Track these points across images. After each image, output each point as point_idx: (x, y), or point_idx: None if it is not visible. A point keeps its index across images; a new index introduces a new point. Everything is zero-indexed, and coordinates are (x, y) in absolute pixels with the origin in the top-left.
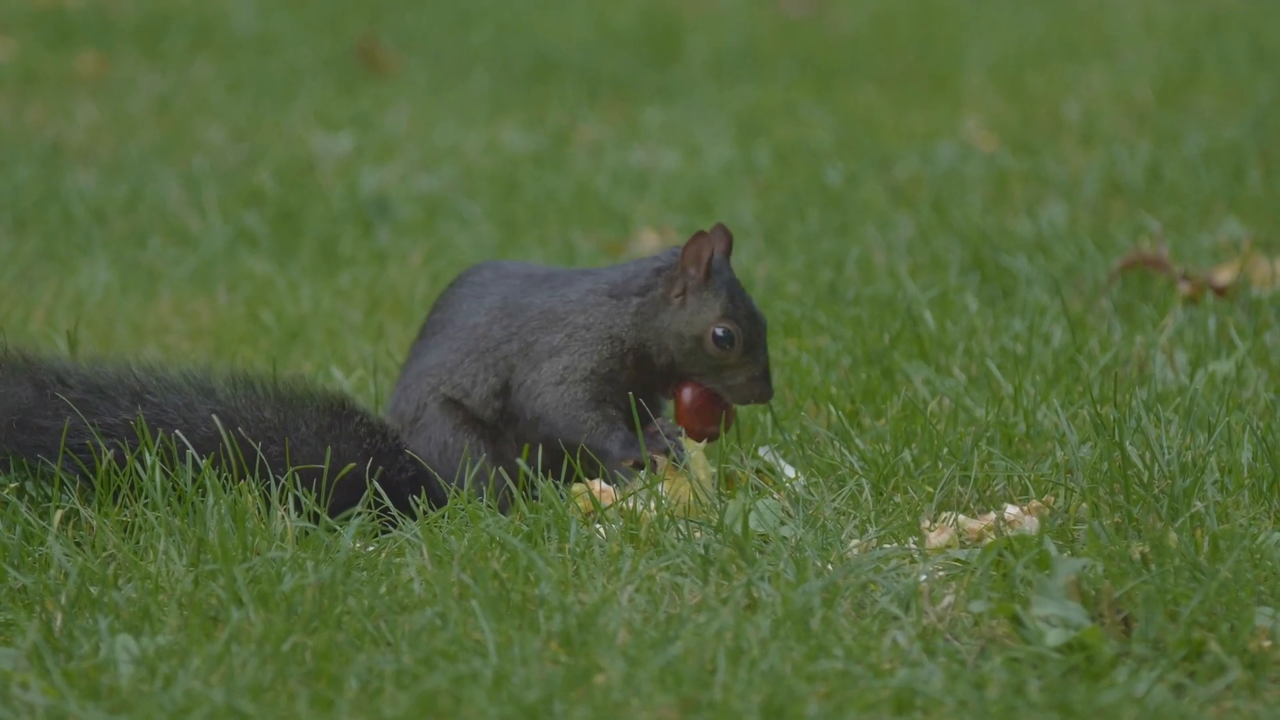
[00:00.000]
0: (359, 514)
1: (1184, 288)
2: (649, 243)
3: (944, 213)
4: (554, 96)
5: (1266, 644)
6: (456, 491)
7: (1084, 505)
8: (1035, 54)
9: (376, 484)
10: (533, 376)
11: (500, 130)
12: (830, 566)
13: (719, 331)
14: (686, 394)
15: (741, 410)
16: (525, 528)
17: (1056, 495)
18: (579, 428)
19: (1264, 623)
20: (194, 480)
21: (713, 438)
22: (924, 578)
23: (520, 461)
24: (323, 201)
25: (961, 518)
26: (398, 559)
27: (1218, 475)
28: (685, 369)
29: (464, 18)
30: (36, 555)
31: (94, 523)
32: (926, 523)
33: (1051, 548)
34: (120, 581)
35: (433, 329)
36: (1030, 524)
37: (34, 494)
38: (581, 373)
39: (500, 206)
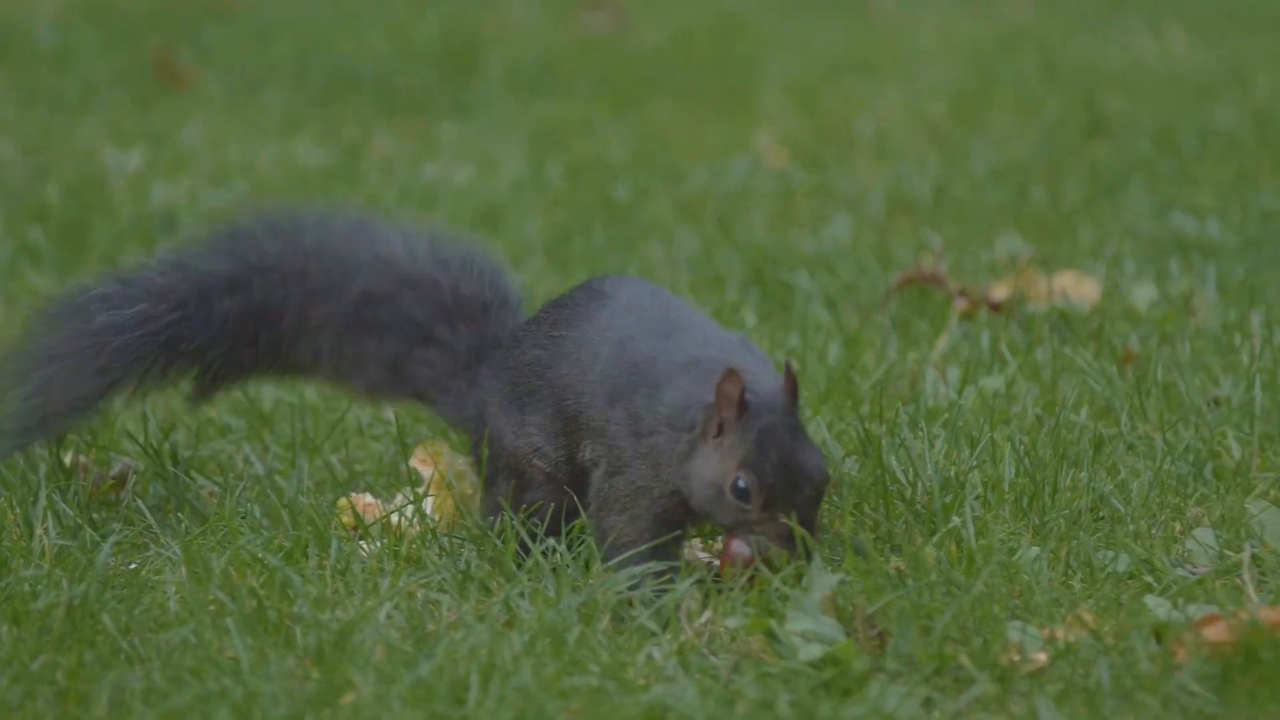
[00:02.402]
0: (117, 531)
1: (961, 303)
2: None
3: (729, 228)
4: (350, 112)
5: (1016, 658)
6: (219, 509)
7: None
8: (832, 72)
9: None
10: (610, 484)
11: (295, 145)
12: (591, 582)
13: (739, 482)
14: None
15: None
16: (287, 544)
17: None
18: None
19: (1015, 636)
20: None
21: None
22: (683, 594)
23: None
24: (110, 217)
25: None
26: (158, 576)
27: (980, 490)
28: (716, 520)
29: (263, 33)
30: None
31: None
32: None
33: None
34: None
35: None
36: None
37: None
38: (644, 504)
39: None
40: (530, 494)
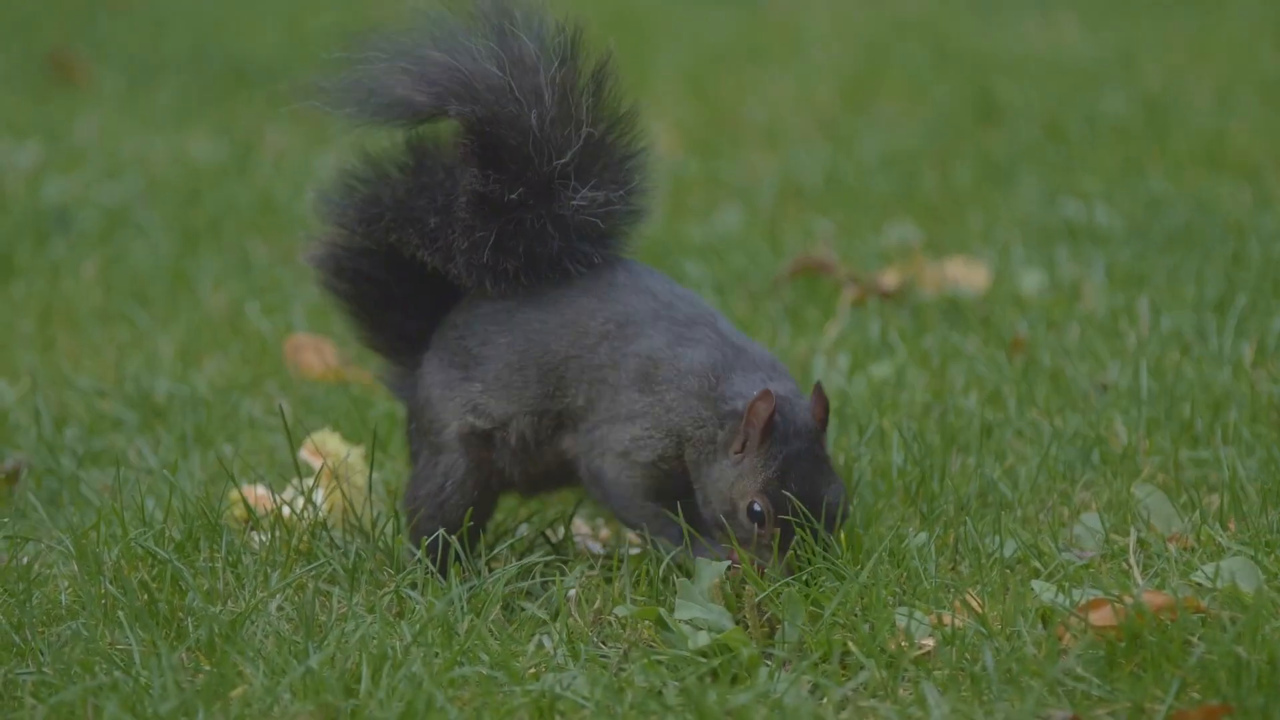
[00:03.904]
0: (8, 525)
1: (851, 290)
2: None
3: None
4: (245, 104)
5: (904, 643)
6: (111, 502)
7: None
8: (725, 60)
9: None
10: (603, 431)
11: (188, 139)
12: (483, 571)
13: (754, 506)
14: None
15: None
16: (178, 537)
17: None
18: (635, 511)
19: (903, 622)
20: None
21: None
22: (573, 583)
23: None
24: (3, 212)
25: (578, 520)
26: (49, 570)
27: (870, 477)
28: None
29: (159, 26)
30: None
31: None
32: (584, 526)
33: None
34: None
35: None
36: None
37: None
38: (645, 456)
39: (180, 216)
40: (444, 458)
